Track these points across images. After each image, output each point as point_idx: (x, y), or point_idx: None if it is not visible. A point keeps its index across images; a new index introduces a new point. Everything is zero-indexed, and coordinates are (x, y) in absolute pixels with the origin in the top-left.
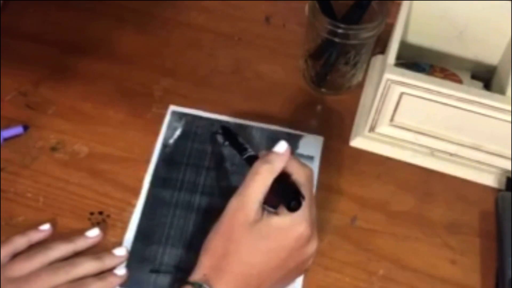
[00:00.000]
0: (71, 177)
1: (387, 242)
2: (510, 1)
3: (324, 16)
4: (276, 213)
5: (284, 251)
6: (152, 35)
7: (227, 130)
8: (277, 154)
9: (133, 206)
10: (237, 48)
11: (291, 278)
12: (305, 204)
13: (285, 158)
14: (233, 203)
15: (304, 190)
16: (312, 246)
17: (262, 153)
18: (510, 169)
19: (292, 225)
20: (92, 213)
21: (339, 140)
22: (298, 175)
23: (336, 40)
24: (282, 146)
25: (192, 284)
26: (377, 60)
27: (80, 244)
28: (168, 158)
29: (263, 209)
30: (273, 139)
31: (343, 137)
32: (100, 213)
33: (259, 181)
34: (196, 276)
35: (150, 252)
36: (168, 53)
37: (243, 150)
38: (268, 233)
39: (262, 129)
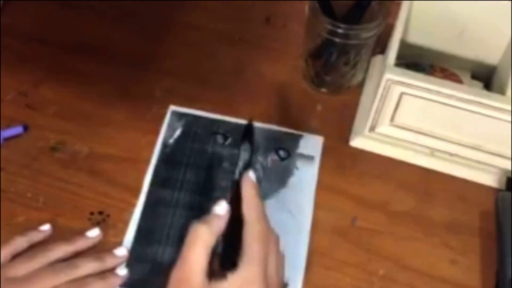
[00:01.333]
0: (71, 177)
1: (387, 242)
2: (510, 1)
3: (324, 16)
4: (224, 276)
5: None
6: (152, 35)
7: (250, 132)
8: (218, 216)
9: (133, 206)
10: (237, 48)
11: None
12: (251, 254)
13: (224, 219)
14: (177, 274)
15: (248, 236)
16: None
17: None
18: (510, 169)
19: (245, 284)
20: (92, 213)
21: (339, 140)
22: (246, 211)
23: (336, 40)
24: (222, 208)
25: None
26: (377, 60)
27: (80, 244)
28: (168, 158)
29: (210, 274)
30: (273, 139)
31: (343, 137)
32: (100, 213)
33: (200, 247)
34: None
35: (150, 252)
36: (168, 53)
37: (245, 165)
38: None
39: (262, 129)
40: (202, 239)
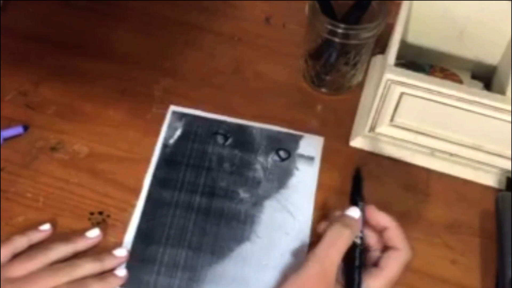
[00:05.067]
0: (71, 177)
1: None
2: (510, 1)
3: (324, 16)
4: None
5: None
6: (152, 35)
7: (359, 178)
8: (354, 219)
9: (133, 206)
10: (237, 48)
11: None
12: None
13: (360, 222)
14: (315, 266)
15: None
16: None
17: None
18: (510, 169)
19: None
20: (92, 213)
21: (339, 140)
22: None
23: (336, 40)
24: (356, 212)
25: None
26: (377, 60)
27: (80, 244)
28: (169, 158)
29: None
30: (273, 139)
31: (343, 137)
32: (100, 213)
33: (340, 247)
34: None
35: (150, 252)
36: (168, 53)
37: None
38: None
39: (262, 129)
40: (345, 241)
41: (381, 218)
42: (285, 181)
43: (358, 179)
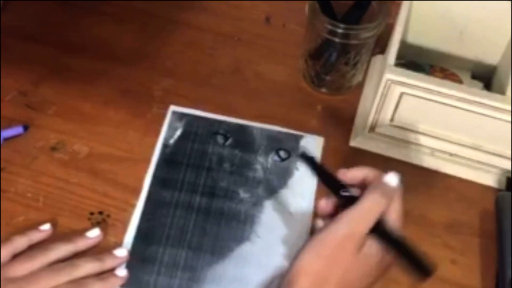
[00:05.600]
0: (71, 177)
1: None
2: (510, 1)
3: (324, 16)
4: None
5: (381, 271)
6: (152, 35)
7: (310, 160)
8: (394, 189)
9: (133, 206)
10: (237, 48)
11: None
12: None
13: (399, 191)
14: (344, 229)
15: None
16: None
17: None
18: (510, 169)
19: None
20: (92, 213)
21: (339, 140)
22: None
23: (336, 40)
24: (394, 179)
25: None
26: (377, 60)
27: (80, 244)
28: (169, 158)
29: None
30: (273, 139)
31: (343, 137)
32: (100, 213)
33: (374, 214)
34: None
35: (150, 252)
36: (168, 53)
37: (340, 186)
38: (371, 261)
39: (262, 129)
40: (378, 209)
41: (355, 172)
42: (285, 181)
43: (313, 163)
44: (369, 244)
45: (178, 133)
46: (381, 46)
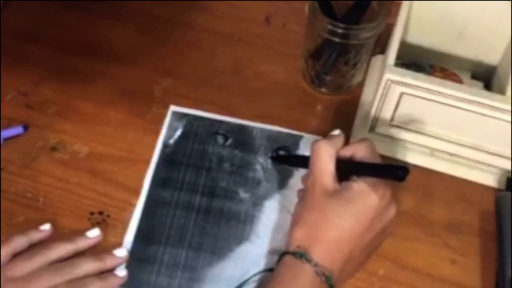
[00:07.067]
0: (71, 177)
1: (387, 242)
2: (510, 1)
3: (324, 16)
4: (354, 181)
5: (371, 212)
6: (152, 35)
7: (281, 158)
8: (336, 135)
9: (133, 206)
10: (237, 48)
11: (377, 242)
12: (384, 184)
13: (341, 137)
14: (310, 180)
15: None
16: (393, 208)
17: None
18: (510, 169)
19: (373, 186)
20: (92, 213)
21: None
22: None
23: (336, 40)
24: (336, 131)
25: (293, 253)
26: (377, 60)
27: (80, 244)
28: (169, 158)
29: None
30: (273, 139)
31: None
32: (100, 213)
33: (326, 156)
34: (290, 248)
35: (150, 252)
36: (168, 53)
37: (304, 159)
38: (352, 197)
39: (262, 129)
40: (326, 150)
41: (344, 151)
42: (285, 181)
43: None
44: (345, 186)
45: (178, 133)
46: (381, 46)
